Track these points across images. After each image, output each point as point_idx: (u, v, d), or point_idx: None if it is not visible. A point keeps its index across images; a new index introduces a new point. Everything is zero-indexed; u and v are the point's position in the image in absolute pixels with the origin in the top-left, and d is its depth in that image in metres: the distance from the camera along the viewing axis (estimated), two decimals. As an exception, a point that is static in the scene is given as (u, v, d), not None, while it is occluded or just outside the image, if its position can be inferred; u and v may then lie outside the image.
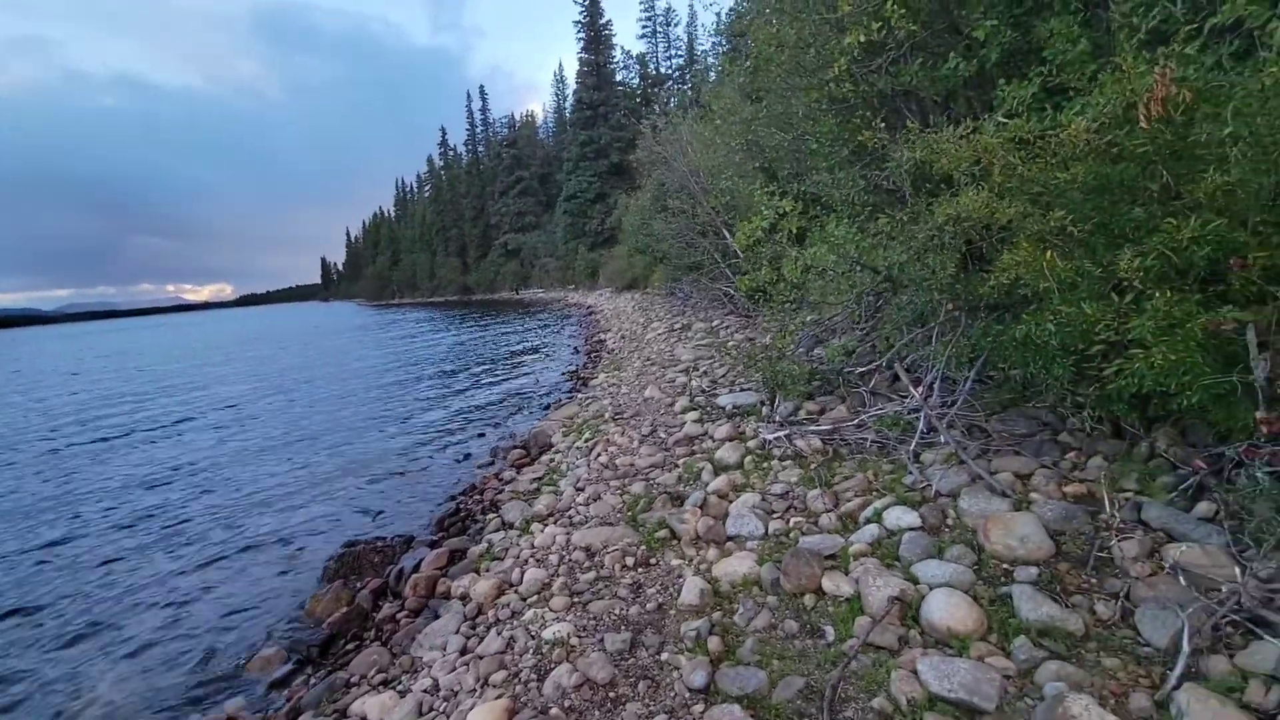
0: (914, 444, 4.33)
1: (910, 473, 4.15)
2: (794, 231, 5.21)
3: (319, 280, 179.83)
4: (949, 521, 3.60)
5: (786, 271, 5.27)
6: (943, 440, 4.26)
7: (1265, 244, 2.69)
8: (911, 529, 3.52)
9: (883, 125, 5.40)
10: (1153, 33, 3.45)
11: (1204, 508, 3.03)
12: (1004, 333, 4.07)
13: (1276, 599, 2.42)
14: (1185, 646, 2.31)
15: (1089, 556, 3.00)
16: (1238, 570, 2.58)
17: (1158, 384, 2.83)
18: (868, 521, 3.75)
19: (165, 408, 14.70)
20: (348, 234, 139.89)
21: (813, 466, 4.65)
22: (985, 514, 3.45)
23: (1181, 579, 2.65)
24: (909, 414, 4.68)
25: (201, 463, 9.40)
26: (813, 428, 5.19)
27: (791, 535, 3.85)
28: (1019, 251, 3.47)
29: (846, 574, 3.27)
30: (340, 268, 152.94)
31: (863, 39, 5.08)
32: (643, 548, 4.16)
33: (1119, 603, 2.70)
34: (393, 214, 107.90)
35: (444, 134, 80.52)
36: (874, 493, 4.11)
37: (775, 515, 4.18)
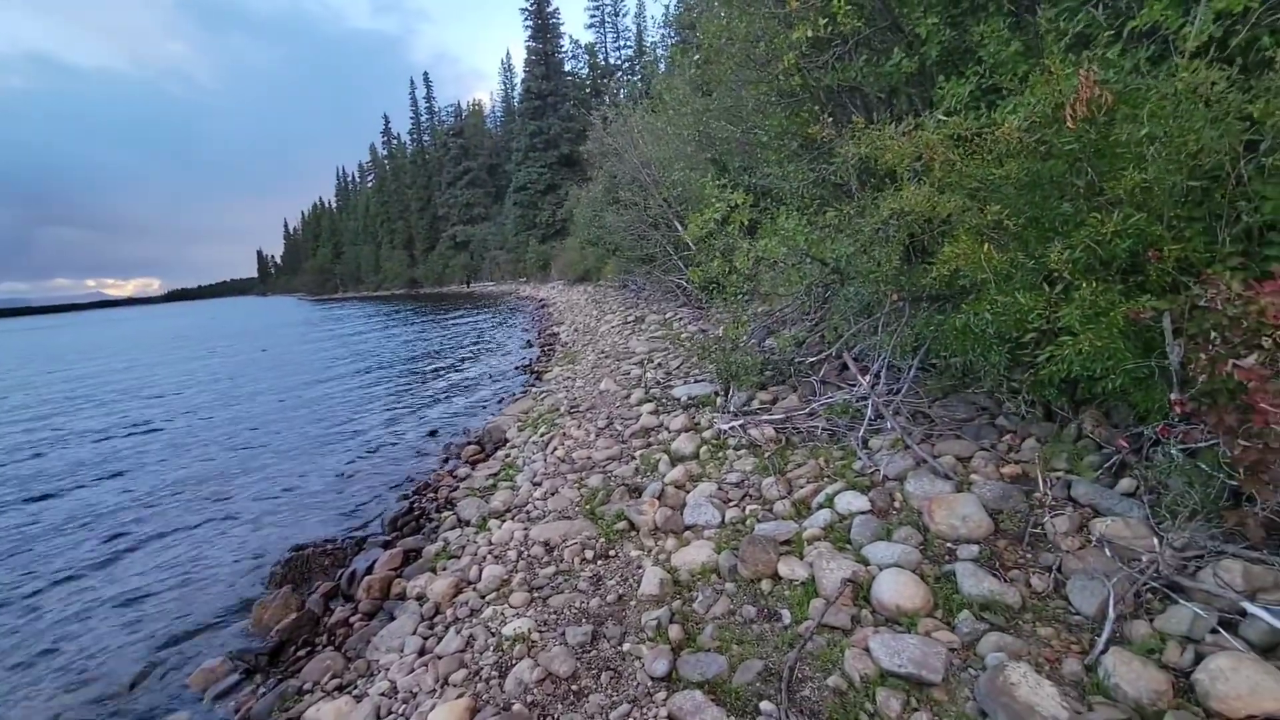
0: (862, 430, 4.49)
1: (859, 458, 4.30)
2: (745, 224, 5.28)
3: (255, 274, 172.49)
4: (896, 504, 3.75)
5: (738, 263, 5.36)
6: (889, 426, 4.42)
7: (1179, 237, 2.89)
8: (862, 513, 3.66)
9: (829, 120, 5.53)
10: (1078, 36, 3.65)
11: (1126, 484, 3.25)
12: (945, 322, 4.24)
13: (1189, 566, 2.63)
14: (1111, 614, 2.48)
15: (1024, 533, 3.18)
16: (1155, 541, 2.78)
17: (1084, 369, 3.02)
18: (820, 507, 3.87)
19: (90, 411, 13.86)
20: (286, 225, 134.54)
21: (767, 455, 4.76)
22: (929, 496, 3.61)
23: (1107, 551, 2.84)
24: (858, 402, 4.84)
25: (132, 468, 8.90)
26: (766, 417, 5.30)
27: (748, 523, 3.94)
28: (958, 244, 3.62)
29: (801, 558, 3.37)
30: (278, 260, 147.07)
31: (810, 34, 5.17)
32: (602, 540, 4.18)
33: (1052, 575, 2.88)
34: (334, 205, 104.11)
35: (387, 122, 78.33)
36: (826, 479, 4.24)
37: (731, 504, 4.26)
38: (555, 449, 6.29)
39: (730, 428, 5.36)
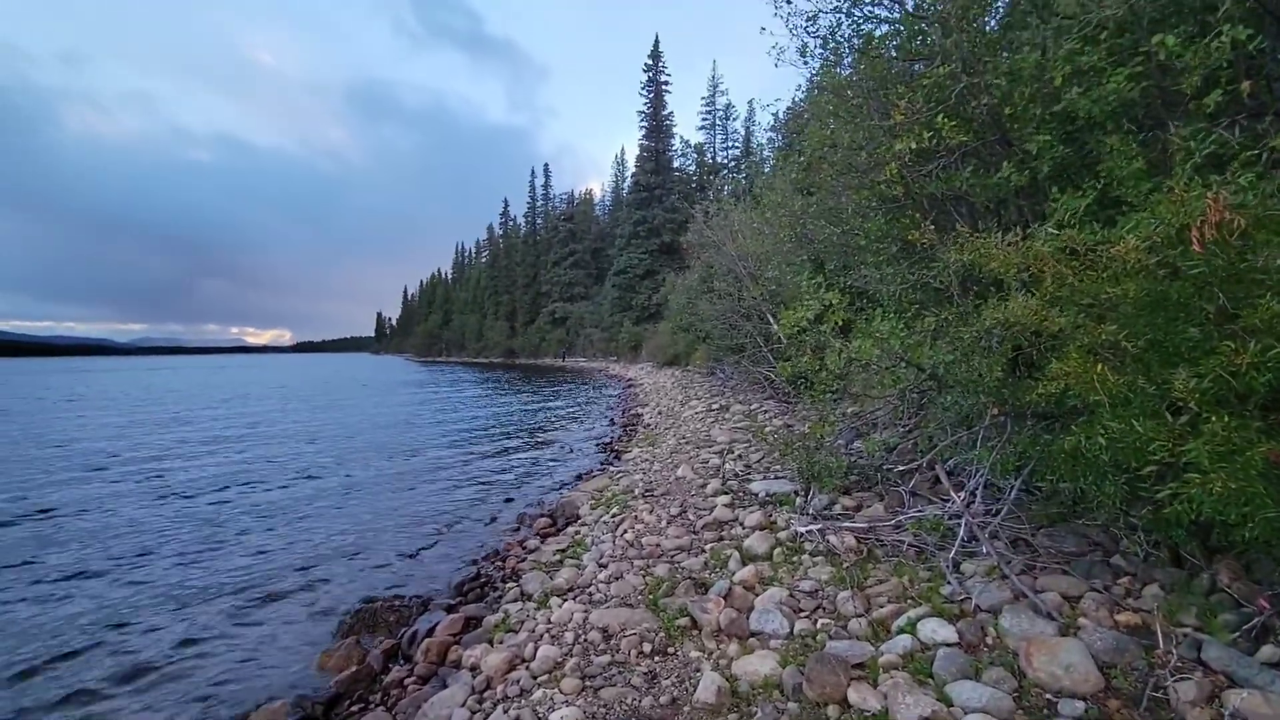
0: (954, 552, 4.13)
1: (949, 583, 3.94)
2: (839, 323, 5.23)
3: (373, 333, 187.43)
4: (988, 640, 3.38)
5: (829, 362, 5.26)
6: (984, 551, 4.06)
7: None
8: (947, 644, 3.32)
9: (932, 226, 5.49)
10: (1210, 157, 3.49)
11: (1269, 651, 2.78)
12: (1052, 443, 3.93)
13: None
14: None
15: (1142, 695, 2.76)
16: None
17: (1216, 512, 2.67)
18: (900, 631, 3.55)
19: (209, 450, 15.22)
20: (405, 291, 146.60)
21: (845, 565, 4.47)
22: (1028, 636, 3.23)
23: (1249, 733, 2.41)
24: (950, 519, 4.50)
25: (231, 508, 9.53)
26: (848, 524, 5.02)
27: (818, 638, 3.67)
28: (1069, 361, 3.41)
29: (875, 686, 3.07)
30: (394, 323, 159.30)
31: (914, 145, 5.24)
32: (662, 635, 4.00)
33: (1178, 753, 2.46)
34: (449, 276, 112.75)
35: (506, 205, 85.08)
36: (909, 600, 3.91)
37: (802, 614, 3.99)
38: (625, 532, 6.20)
39: (808, 531, 5.10)
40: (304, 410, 23.58)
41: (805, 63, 7.23)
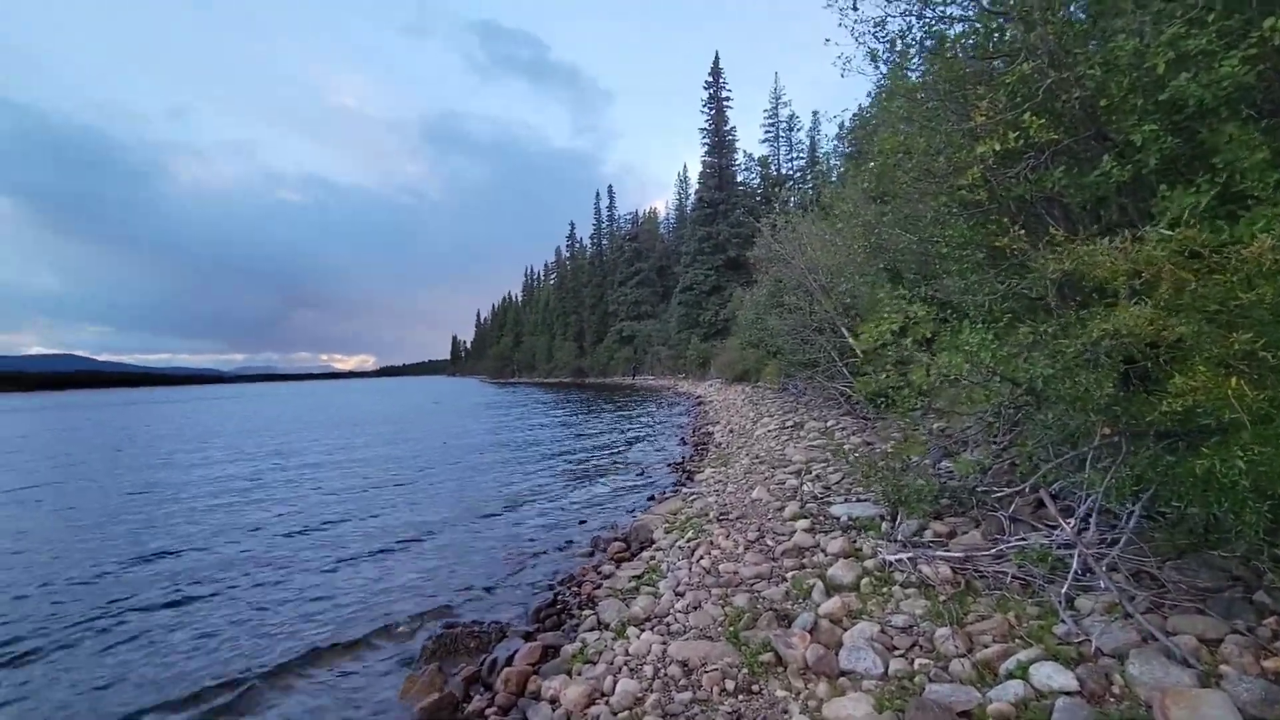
0: (1066, 587, 3.77)
1: (1063, 621, 3.59)
2: (926, 337, 4.95)
3: (449, 356, 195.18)
4: (1115, 689, 3.03)
5: (915, 378, 4.97)
6: (1102, 585, 3.68)
7: None
8: (1067, 693, 3.00)
9: (1021, 231, 5.14)
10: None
11: None
12: (1178, 465, 3.54)
13: None
14: None
15: (1312, 763, 2.38)
16: None
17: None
18: (1010, 676, 3.25)
19: (291, 475, 16.11)
20: (478, 315, 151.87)
21: (942, 599, 4.16)
22: (1162, 685, 2.88)
23: None
24: (1059, 549, 4.12)
25: (313, 528, 9.90)
26: (942, 553, 4.69)
27: (916, 680, 3.41)
28: (1195, 375, 3.06)
29: (985, 739, 2.81)
30: (468, 346, 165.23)
31: (998, 147, 4.93)
32: (744, 671, 3.84)
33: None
34: (519, 299, 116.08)
35: (572, 228, 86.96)
36: (1016, 640, 3.58)
37: (897, 652, 3.73)
38: (701, 558, 6.05)
39: (898, 560, 4.80)
40: (386, 437, 24.65)
41: (876, 68, 7.00)
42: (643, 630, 4.68)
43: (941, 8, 6.25)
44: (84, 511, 11.88)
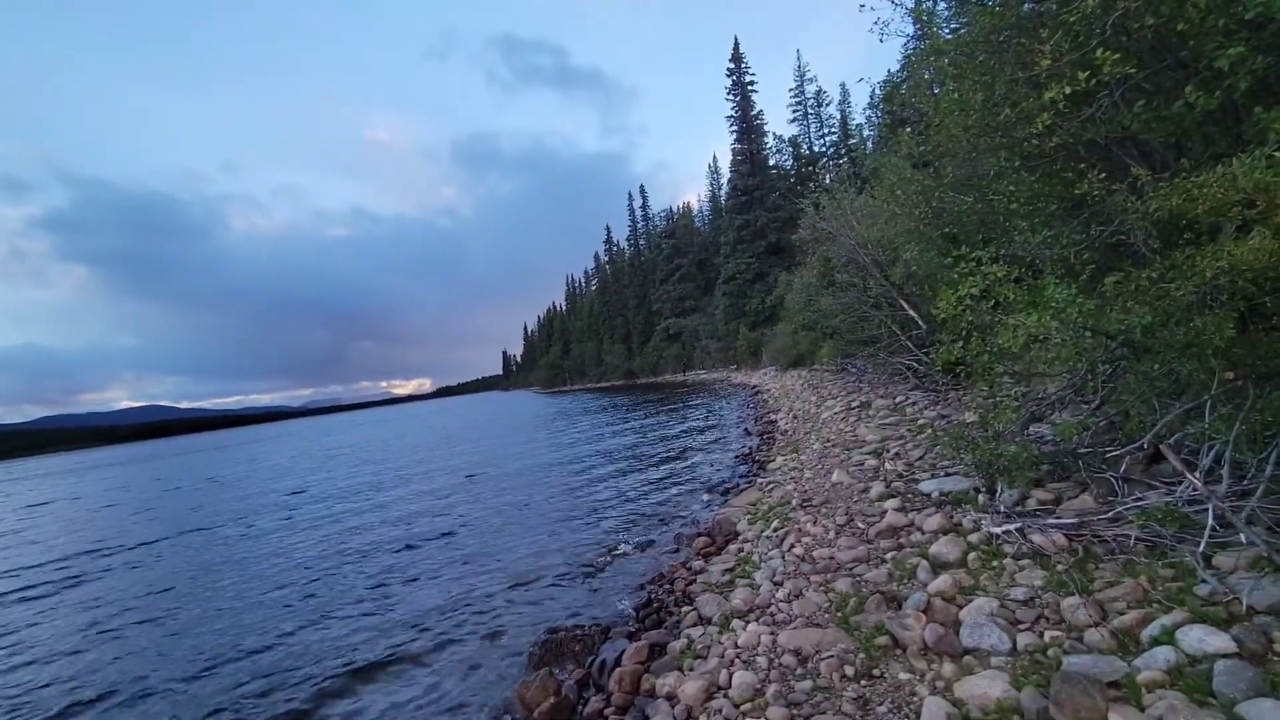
0: (1203, 545, 3.54)
1: (1204, 581, 3.38)
2: (1008, 297, 4.76)
3: (500, 371, 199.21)
4: (1277, 647, 2.83)
5: (1003, 341, 4.77)
6: (1243, 540, 3.45)
7: None
8: (1224, 655, 2.82)
9: (1102, 176, 4.88)
10: None
11: None
12: (1318, 405, 3.29)
13: None
14: None
15: None
16: None
17: None
18: (1155, 642, 3.08)
19: (371, 498, 16.68)
20: (525, 328, 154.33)
21: (1061, 568, 3.98)
22: (1335, 640, 2.67)
23: None
24: (1186, 505, 3.88)
25: (400, 546, 10.20)
26: (1052, 520, 4.49)
27: (1050, 653, 3.27)
28: (1333, 306, 2.84)
29: (1141, 710, 2.66)
30: (518, 359, 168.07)
31: (1068, 90, 4.68)
32: (862, 655, 3.76)
33: None
34: (564, 308, 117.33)
35: (609, 231, 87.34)
36: (1154, 604, 3.39)
37: (1023, 626, 3.59)
38: (792, 546, 5.97)
39: (1004, 531, 4.62)
40: (451, 453, 25.31)
41: (918, 27, 6.77)
42: (747, 622, 4.65)
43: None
44: (211, 541, 12.64)
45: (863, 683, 3.54)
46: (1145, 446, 4.39)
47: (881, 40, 7.76)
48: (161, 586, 9.90)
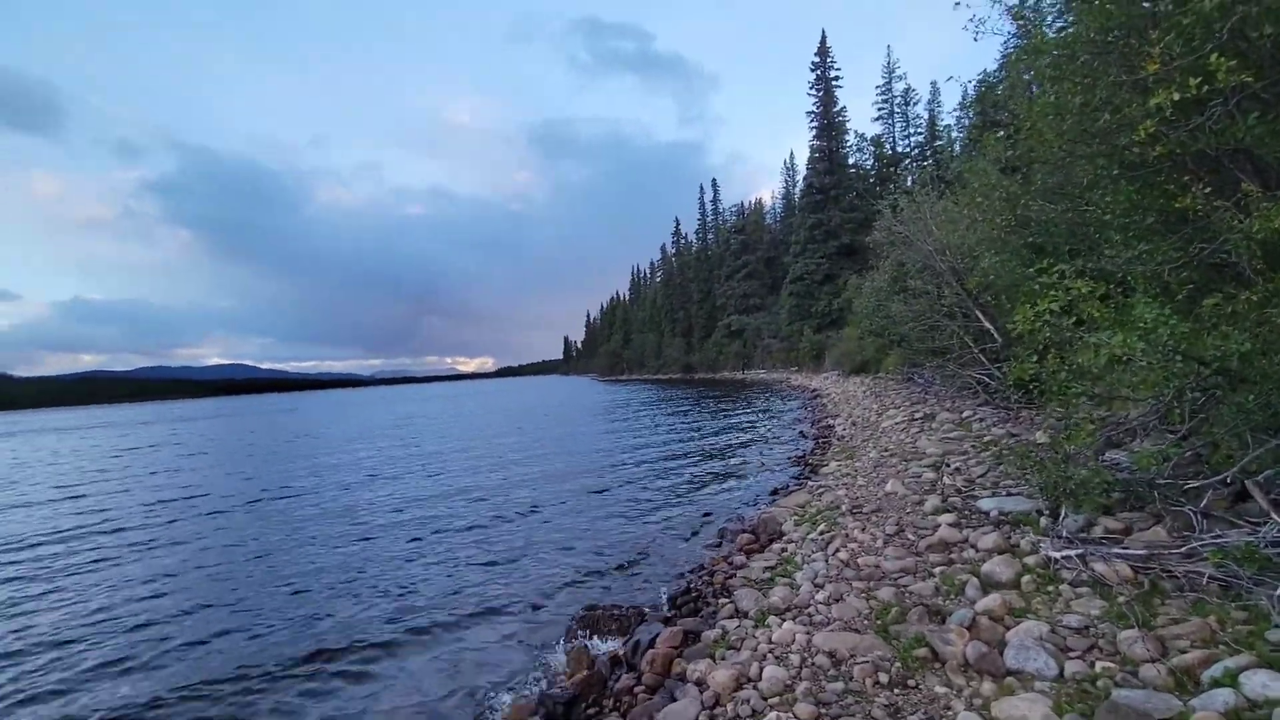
0: (1282, 589, 3.30)
1: (1277, 626, 3.15)
2: (1093, 314, 4.52)
3: (561, 356, 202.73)
4: (1352, 704, 2.62)
5: (1083, 360, 4.54)
6: (1331, 589, 3.19)
7: None
8: (1292, 705, 2.63)
9: (1207, 190, 4.56)
10: None
11: None
12: None
13: None
14: None
15: None
16: None
17: None
18: (1216, 684, 2.90)
19: (438, 476, 17.38)
20: (588, 316, 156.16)
21: (1122, 600, 3.78)
22: None
23: None
24: (1268, 547, 3.61)
25: (457, 524, 10.36)
26: (1118, 550, 4.26)
27: (1099, 683, 3.13)
28: None
29: (1192, 751, 2.53)
30: (579, 345, 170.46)
31: (1176, 97, 4.38)
32: (898, 665, 3.70)
33: None
34: (627, 298, 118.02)
35: (677, 224, 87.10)
36: (1220, 646, 3.19)
37: (1073, 654, 3.44)
38: (837, 551, 5.89)
39: (1064, 557, 4.42)
40: (513, 435, 26.03)
41: (1015, 26, 6.45)
42: (784, 620, 4.63)
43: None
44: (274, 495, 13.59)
45: (896, 691, 3.49)
46: (1230, 481, 4.10)
47: (976, 39, 7.44)
48: (251, 538, 10.69)
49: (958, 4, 7.05)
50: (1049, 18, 7.36)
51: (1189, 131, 4.75)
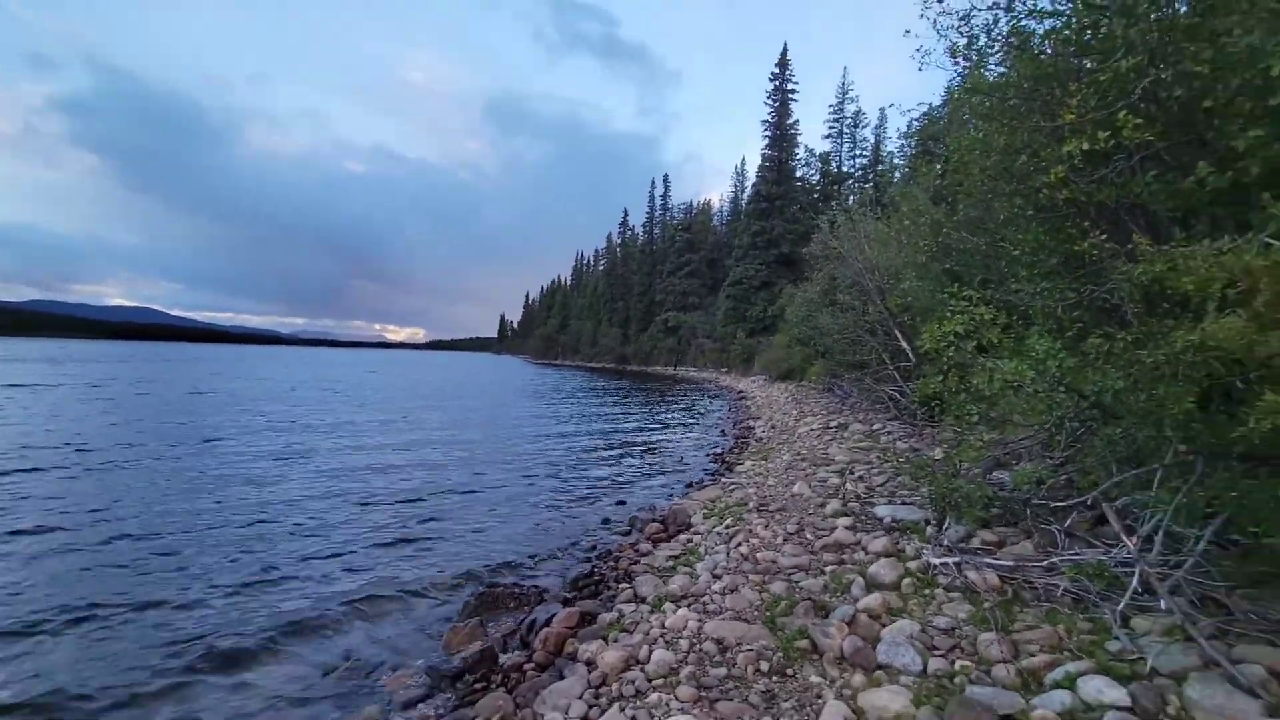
0: (1123, 604, 3.64)
1: (1116, 638, 3.47)
2: (994, 341, 4.81)
3: (495, 334, 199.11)
4: (1169, 710, 2.92)
5: (978, 383, 4.84)
6: (1163, 607, 3.53)
7: None
8: (1117, 708, 2.91)
9: (1104, 237, 4.93)
10: None
11: None
12: (1259, 491, 3.37)
13: None
14: None
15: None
16: None
17: None
18: (1056, 685, 3.16)
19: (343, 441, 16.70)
20: (527, 297, 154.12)
21: (986, 605, 4.07)
22: (1224, 712, 2.77)
23: None
24: (1117, 566, 3.97)
25: (368, 501, 9.72)
26: (989, 560, 4.58)
27: (956, 680, 3.35)
28: (1289, 395, 2.90)
29: (1027, 744, 2.75)
30: (515, 325, 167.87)
31: (1085, 147, 4.71)
32: (779, 655, 3.84)
33: None
34: (569, 283, 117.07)
35: (625, 214, 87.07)
36: (1065, 652, 3.49)
37: (937, 652, 3.68)
38: (739, 545, 6.05)
39: (942, 563, 4.71)
40: (438, 410, 25.35)
41: (956, 63, 6.77)
42: (679, 607, 4.72)
43: (1033, 1, 5.99)
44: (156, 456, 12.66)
45: (774, 679, 3.63)
46: (1091, 505, 4.48)
47: (920, 69, 7.75)
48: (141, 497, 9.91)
49: (907, 32, 7.31)
50: (990, 60, 7.77)
51: (1093, 182, 5.12)
